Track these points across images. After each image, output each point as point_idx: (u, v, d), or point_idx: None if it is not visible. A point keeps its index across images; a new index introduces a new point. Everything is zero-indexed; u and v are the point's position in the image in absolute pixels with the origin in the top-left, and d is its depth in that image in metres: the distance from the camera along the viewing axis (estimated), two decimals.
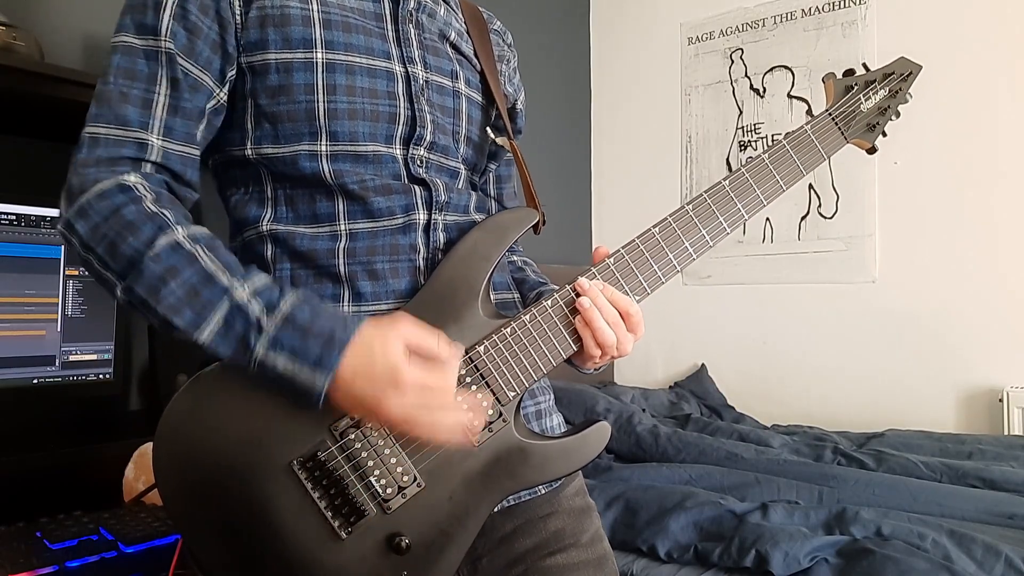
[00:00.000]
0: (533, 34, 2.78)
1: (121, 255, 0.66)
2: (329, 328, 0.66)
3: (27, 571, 0.91)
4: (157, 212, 0.68)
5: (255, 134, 0.76)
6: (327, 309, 0.68)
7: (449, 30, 0.87)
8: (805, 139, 0.89)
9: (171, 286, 0.65)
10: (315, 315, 0.67)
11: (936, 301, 2.33)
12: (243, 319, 0.65)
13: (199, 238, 0.68)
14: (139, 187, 0.69)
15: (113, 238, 0.66)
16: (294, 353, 0.65)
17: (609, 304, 0.77)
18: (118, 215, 0.66)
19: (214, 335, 0.65)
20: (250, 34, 0.74)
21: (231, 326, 0.65)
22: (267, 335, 0.65)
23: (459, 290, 0.76)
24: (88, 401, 1.34)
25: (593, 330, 0.77)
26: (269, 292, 0.67)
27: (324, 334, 0.65)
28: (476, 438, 0.73)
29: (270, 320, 0.65)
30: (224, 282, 0.66)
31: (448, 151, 0.83)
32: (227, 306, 0.65)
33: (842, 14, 2.53)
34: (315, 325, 0.66)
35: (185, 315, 0.65)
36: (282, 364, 0.65)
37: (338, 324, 0.67)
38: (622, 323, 0.78)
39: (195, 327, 0.65)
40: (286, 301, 0.67)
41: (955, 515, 1.43)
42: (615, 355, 0.79)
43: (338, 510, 0.70)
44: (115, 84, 0.70)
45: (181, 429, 0.69)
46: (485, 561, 0.82)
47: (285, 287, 0.69)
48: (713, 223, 0.83)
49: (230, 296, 0.66)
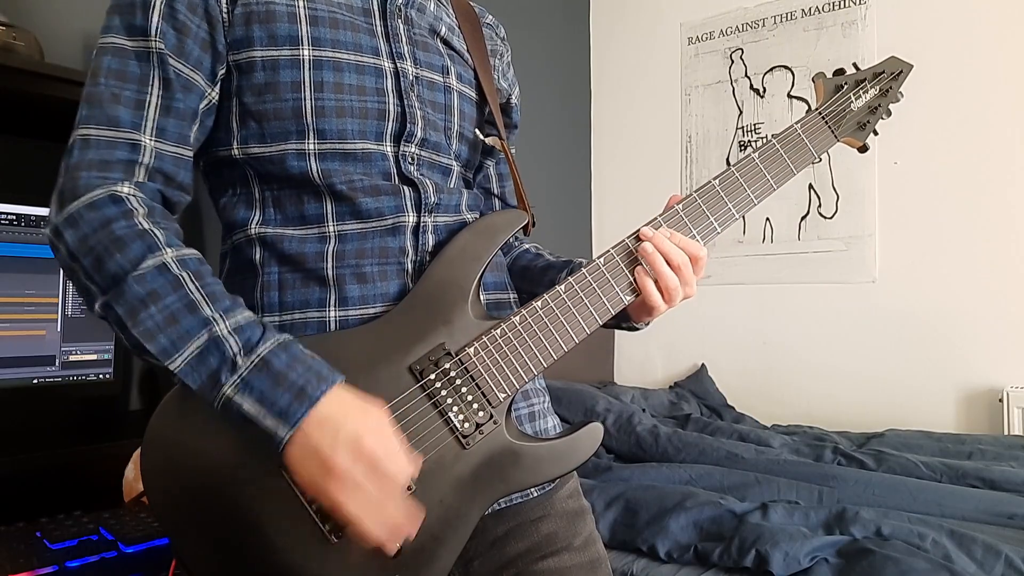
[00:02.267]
0: (533, 34, 2.78)
1: (106, 271, 0.65)
2: (303, 381, 0.64)
3: (27, 571, 0.91)
4: (148, 230, 0.66)
5: (241, 133, 0.75)
6: (304, 359, 0.66)
7: (439, 25, 0.86)
8: (795, 138, 0.89)
9: (151, 310, 0.64)
10: (291, 363, 0.65)
11: (936, 301, 2.33)
12: (219, 354, 0.64)
13: (187, 262, 0.67)
14: (131, 199, 0.67)
15: (100, 252, 0.65)
16: (262, 399, 0.63)
17: (676, 247, 0.78)
18: (107, 229, 0.65)
19: (186, 365, 0.64)
20: (236, 31, 0.73)
21: (204, 360, 0.64)
22: (239, 375, 0.64)
23: (449, 292, 0.76)
24: (88, 401, 1.34)
25: (657, 275, 0.78)
26: (250, 330, 0.66)
27: (296, 387, 0.64)
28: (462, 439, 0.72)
29: (245, 360, 0.64)
30: (206, 313, 0.65)
31: (440, 148, 0.82)
32: (205, 339, 0.64)
33: (842, 14, 2.53)
34: (290, 374, 0.64)
35: (160, 341, 0.64)
36: (247, 407, 0.63)
37: (311, 378, 0.65)
38: (689, 265, 0.79)
39: (168, 355, 0.64)
40: (264, 344, 0.65)
41: (955, 515, 1.43)
42: (679, 301, 0.80)
43: (328, 514, 0.68)
44: (106, 85, 0.69)
45: (169, 434, 0.69)
46: (477, 564, 0.82)
47: (268, 328, 0.68)
48: (704, 223, 0.83)
49: (209, 329, 0.64)
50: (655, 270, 0.79)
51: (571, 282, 0.79)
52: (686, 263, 0.79)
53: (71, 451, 1.18)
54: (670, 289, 0.79)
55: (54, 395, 1.25)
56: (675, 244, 0.79)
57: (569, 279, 0.79)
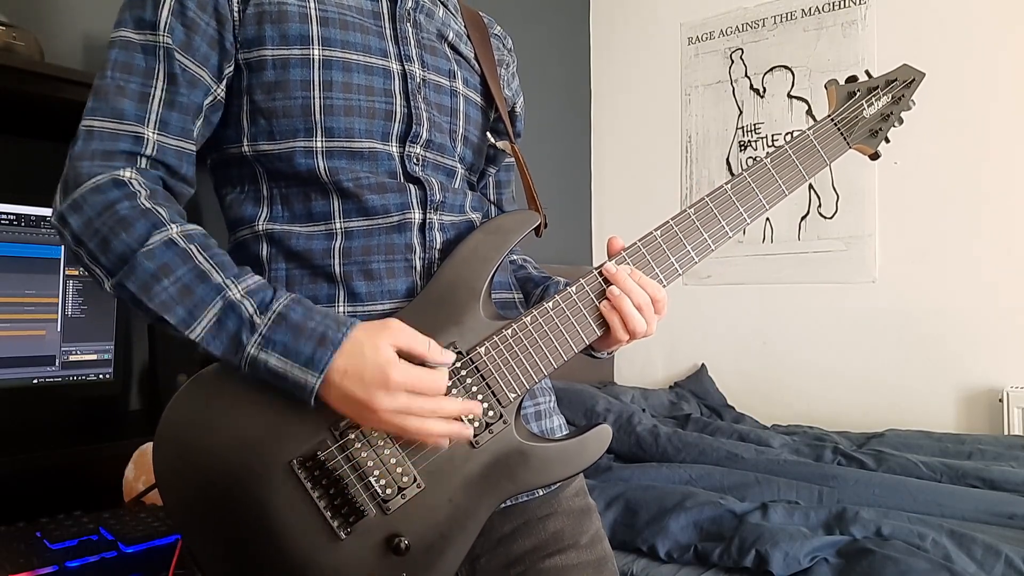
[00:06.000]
0: (533, 34, 2.78)
1: (113, 251, 0.67)
2: (322, 328, 0.67)
3: (27, 571, 0.91)
4: (151, 208, 0.68)
5: (251, 130, 0.76)
6: (319, 310, 0.69)
7: (447, 30, 0.87)
8: (807, 144, 0.89)
9: (164, 283, 0.66)
10: (308, 315, 0.67)
11: (936, 301, 2.33)
12: (236, 317, 0.66)
13: (193, 236, 0.69)
14: (134, 182, 0.69)
15: (106, 234, 0.67)
16: (286, 352, 0.66)
17: (639, 287, 0.78)
18: (112, 210, 0.67)
19: (206, 332, 0.66)
20: (247, 30, 0.74)
21: (224, 324, 0.66)
22: (260, 333, 0.66)
23: (460, 292, 0.76)
24: (88, 401, 1.34)
25: (623, 315, 0.77)
26: (262, 292, 0.68)
27: (316, 334, 0.66)
28: (472, 437, 0.73)
29: (263, 319, 0.66)
30: (217, 280, 0.67)
31: (445, 149, 0.83)
32: (220, 304, 0.66)
33: (842, 14, 2.53)
34: (307, 325, 0.67)
35: (178, 312, 0.66)
36: (274, 362, 0.66)
37: (330, 325, 0.67)
38: (651, 306, 0.79)
39: (187, 324, 0.66)
40: (279, 301, 0.68)
41: (955, 515, 1.43)
42: (641, 337, 0.80)
43: (337, 510, 0.70)
44: (112, 78, 0.71)
45: (181, 430, 0.69)
46: (483, 561, 0.82)
47: (278, 287, 0.70)
48: (715, 227, 0.84)
49: (223, 295, 0.67)
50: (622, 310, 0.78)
51: (582, 283, 0.79)
52: (647, 303, 0.79)
53: (71, 451, 1.18)
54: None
55: (54, 395, 1.25)
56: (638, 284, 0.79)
57: (580, 280, 0.80)
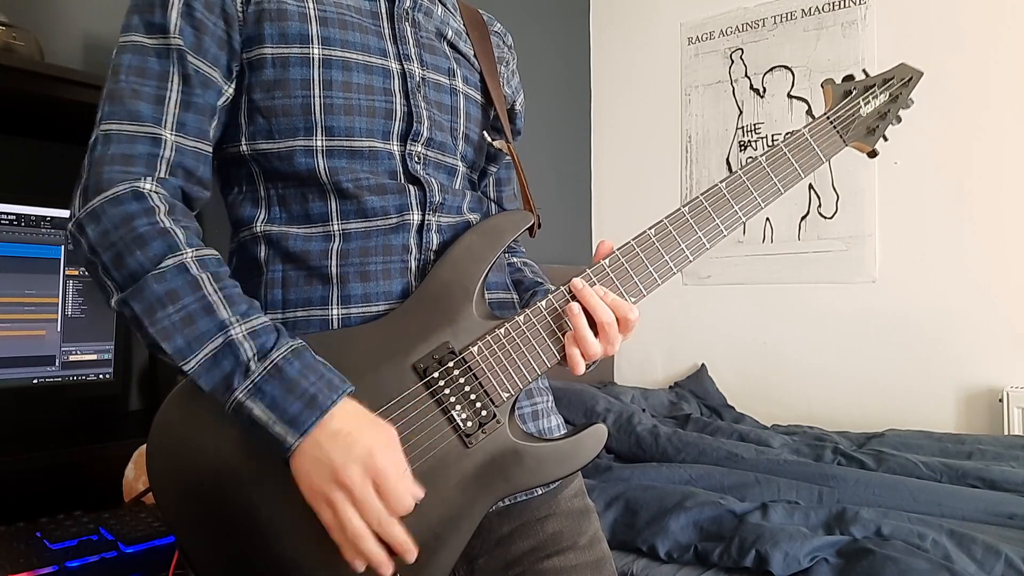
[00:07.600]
0: (533, 34, 2.78)
1: (126, 267, 0.66)
2: (314, 390, 0.65)
3: (27, 571, 0.91)
4: (169, 228, 0.67)
5: (249, 129, 0.76)
6: (317, 367, 0.67)
7: (446, 29, 0.87)
8: (803, 142, 0.89)
9: (168, 310, 0.65)
10: (304, 371, 0.66)
11: (936, 301, 2.33)
12: (233, 358, 0.65)
13: (207, 263, 0.68)
14: (154, 196, 0.69)
15: (121, 249, 0.66)
16: (273, 405, 0.64)
17: (607, 308, 0.76)
18: (129, 225, 0.66)
19: (199, 367, 0.65)
20: (249, 29, 0.74)
21: (219, 362, 0.65)
22: (252, 380, 0.64)
23: (453, 291, 0.76)
24: (88, 401, 1.34)
25: (579, 339, 0.75)
26: (265, 335, 0.67)
27: (308, 394, 0.65)
28: (466, 437, 0.73)
29: (259, 366, 0.65)
30: (223, 316, 0.66)
31: (446, 148, 0.83)
32: (220, 342, 0.65)
33: (842, 14, 2.53)
34: (302, 382, 0.65)
35: (176, 341, 0.65)
36: (258, 412, 0.64)
37: (323, 387, 0.66)
38: (616, 325, 0.76)
39: (183, 356, 0.65)
40: (279, 350, 0.66)
41: (955, 515, 1.43)
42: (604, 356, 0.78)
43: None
44: (127, 82, 0.70)
45: (174, 432, 0.69)
46: (482, 561, 0.82)
47: (282, 333, 0.68)
48: (710, 225, 0.83)
49: (225, 331, 0.65)
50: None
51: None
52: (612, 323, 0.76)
53: (71, 451, 1.18)
54: None
55: (54, 395, 1.24)
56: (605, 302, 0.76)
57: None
